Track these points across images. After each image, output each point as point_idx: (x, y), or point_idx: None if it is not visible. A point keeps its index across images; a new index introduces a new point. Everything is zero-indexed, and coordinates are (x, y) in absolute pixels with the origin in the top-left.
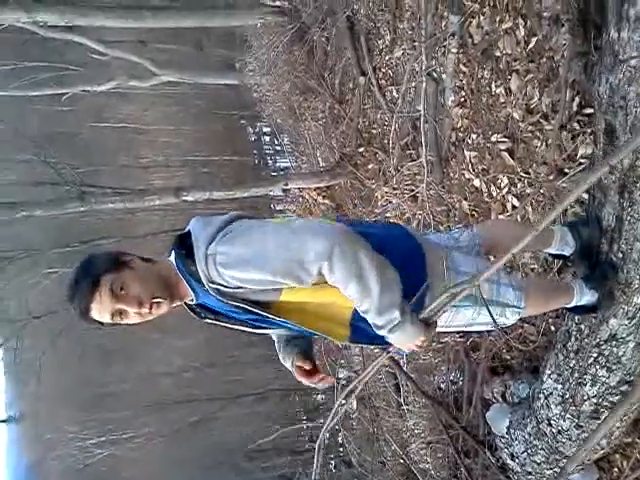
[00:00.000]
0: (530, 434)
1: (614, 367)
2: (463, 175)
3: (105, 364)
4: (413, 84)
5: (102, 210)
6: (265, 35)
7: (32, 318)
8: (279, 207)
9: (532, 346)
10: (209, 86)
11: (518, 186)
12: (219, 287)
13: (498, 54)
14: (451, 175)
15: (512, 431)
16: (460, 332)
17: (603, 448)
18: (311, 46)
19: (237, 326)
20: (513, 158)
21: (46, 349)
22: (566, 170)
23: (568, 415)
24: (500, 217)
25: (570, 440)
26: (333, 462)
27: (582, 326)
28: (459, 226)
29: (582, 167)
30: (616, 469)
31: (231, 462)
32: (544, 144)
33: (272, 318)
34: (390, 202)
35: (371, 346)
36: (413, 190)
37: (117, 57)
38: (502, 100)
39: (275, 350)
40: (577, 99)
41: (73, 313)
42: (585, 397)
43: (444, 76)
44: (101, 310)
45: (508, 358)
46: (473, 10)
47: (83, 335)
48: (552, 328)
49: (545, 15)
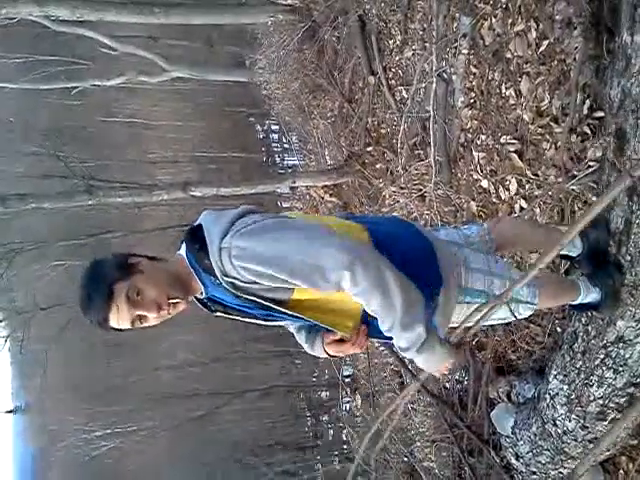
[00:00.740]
0: (535, 434)
1: (621, 369)
2: (471, 176)
3: (111, 357)
4: (423, 84)
5: (110, 204)
6: (276, 33)
7: (39, 310)
8: (286, 204)
9: (538, 347)
10: (218, 83)
11: (526, 188)
12: (234, 281)
13: (509, 56)
14: (459, 176)
15: (517, 431)
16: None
17: (609, 450)
18: (321, 45)
19: (247, 319)
20: (522, 160)
21: (53, 341)
22: (575, 173)
23: (574, 416)
24: (508, 216)
25: (575, 441)
26: (337, 459)
27: (589, 327)
28: (468, 224)
29: (591, 170)
30: (622, 471)
31: (235, 457)
32: (553, 147)
33: (285, 313)
34: (397, 201)
35: (380, 340)
36: (421, 190)
37: (127, 52)
38: (512, 102)
39: (289, 344)
40: (588, 102)
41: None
42: (591, 398)
43: (454, 77)
44: (120, 319)
45: (514, 358)
46: (485, 12)
47: (89, 328)
48: (558, 329)
49: (557, 18)
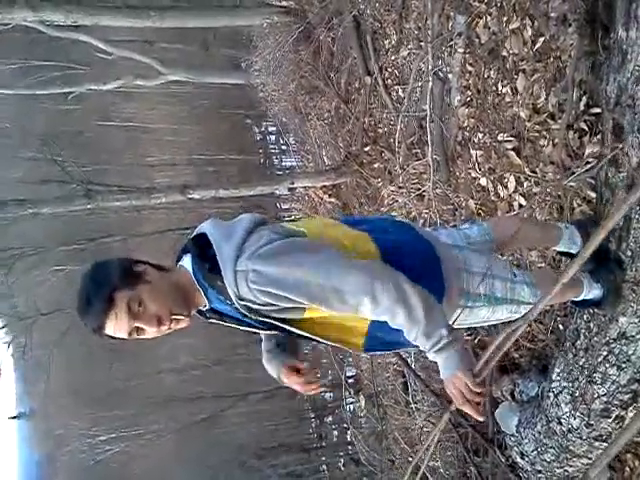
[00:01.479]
0: (540, 432)
1: (624, 365)
2: (469, 174)
3: (113, 361)
4: (419, 84)
5: (108, 208)
6: (271, 35)
7: (40, 315)
8: (285, 206)
9: (541, 344)
10: (215, 85)
11: (525, 185)
12: (248, 304)
13: (505, 54)
14: (457, 174)
15: (521, 430)
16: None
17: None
18: (317, 46)
19: (243, 327)
20: (520, 157)
21: (54, 346)
22: (573, 169)
23: (578, 413)
24: (507, 214)
25: (580, 439)
26: (342, 460)
27: (591, 324)
28: (468, 222)
29: (589, 166)
30: (627, 468)
31: (239, 459)
32: (551, 143)
33: (296, 332)
34: (396, 201)
35: (386, 352)
36: (419, 189)
37: (123, 56)
38: (508, 100)
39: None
40: (584, 99)
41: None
42: (595, 395)
43: (450, 76)
44: (118, 328)
45: (517, 356)
46: (480, 10)
47: (91, 333)
48: (560, 327)
49: (552, 15)
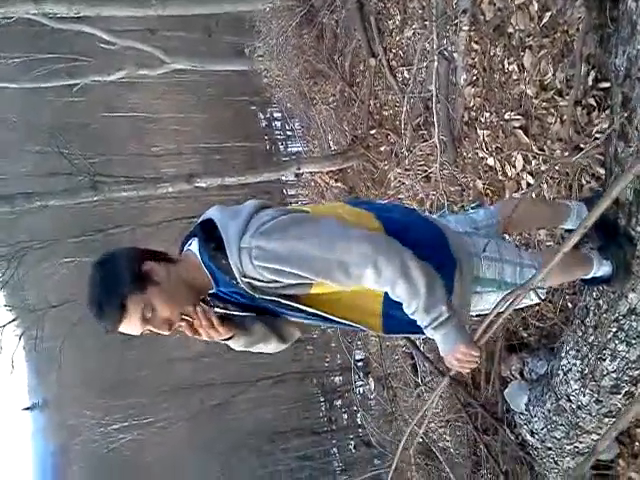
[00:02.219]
0: (549, 410)
1: (634, 342)
2: (477, 154)
3: (124, 350)
4: (424, 64)
5: (115, 199)
6: (274, 19)
7: (51, 307)
8: (291, 192)
9: (549, 323)
10: (219, 73)
11: (533, 163)
12: (252, 281)
13: (511, 30)
14: (464, 154)
15: (531, 408)
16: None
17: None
18: (320, 29)
19: (246, 313)
20: (527, 135)
21: (65, 337)
22: (582, 146)
23: (587, 390)
24: (515, 195)
25: (590, 415)
26: (353, 442)
27: (600, 301)
28: (474, 205)
29: (598, 142)
30: (637, 443)
31: (252, 444)
32: (559, 120)
33: (303, 310)
34: (403, 183)
35: (408, 335)
36: (426, 170)
37: (126, 46)
38: (515, 77)
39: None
40: (592, 73)
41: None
42: (605, 372)
43: (456, 55)
44: (130, 329)
45: (525, 335)
46: None
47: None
48: (569, 305)
49: None
